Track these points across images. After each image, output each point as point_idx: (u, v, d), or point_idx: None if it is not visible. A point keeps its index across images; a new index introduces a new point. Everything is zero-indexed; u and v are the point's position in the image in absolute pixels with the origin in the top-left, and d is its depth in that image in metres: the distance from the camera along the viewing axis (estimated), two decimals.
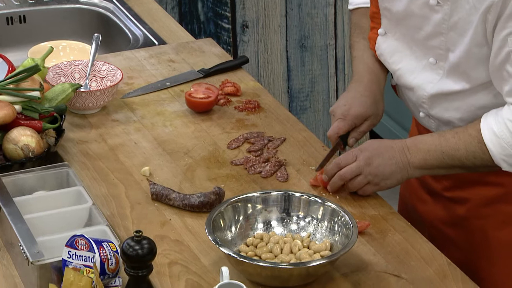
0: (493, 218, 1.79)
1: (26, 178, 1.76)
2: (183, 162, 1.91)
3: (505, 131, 1.64)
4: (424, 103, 1.77)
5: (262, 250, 1.62)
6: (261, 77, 3.26)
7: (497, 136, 1.65)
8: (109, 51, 2.37)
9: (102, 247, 1.51)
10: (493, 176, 1.76)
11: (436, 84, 1.73)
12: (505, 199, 1.77)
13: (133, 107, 2.10)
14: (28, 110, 1.90)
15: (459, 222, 1.83)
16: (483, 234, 1.80)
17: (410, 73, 1.77)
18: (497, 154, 1.65)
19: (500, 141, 1.64)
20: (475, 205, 1.80)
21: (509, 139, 1.64)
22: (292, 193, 1.70)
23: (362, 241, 1.68)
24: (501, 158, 1.65)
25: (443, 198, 1.86)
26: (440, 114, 1.76)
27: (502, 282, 1.76)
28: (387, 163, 1.72)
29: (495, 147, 1.65)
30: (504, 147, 1.64)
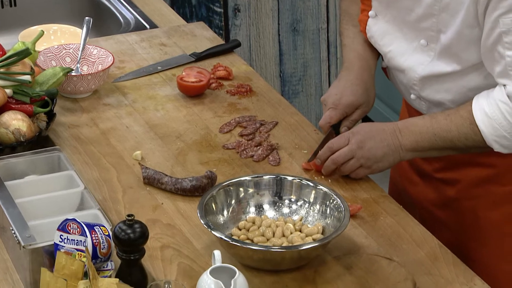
0: (484, 199, 1.79)
1: (17, 162, 1.75)
2: (175, 146, 1.91)
3: (497, 112, 1.64)
4: (415, 85, 1.77)
5: (254, 233, 1.62)
6: (253, 61, 3.25)
7: (489, 117, 1.65)
8: (100, 35, 2.36)
9: (94, 231, 1.51)
10: (484, 157, 1.76)
11: (427, 66, 1.73)
12: (496, 180, 1.78)
13: (125, 91, 2.09)
14: (19, 94, 1.89)
15: (450, 204, 1.83)
16: (473, 215, 1.80)
17: (401, 55, 1.77)
18: (489, 135, 1.65)
19: (492, 122, 1.65)
20: (465, 186, 1.81)
21: (500, 120, 1.64)
22: (284, 176, 1.70)
23: (354, 224, 1.69)
24: (493, 139, 1.65)
25: (433, 179, 1.86)
26: (431, 96, 1.76)
27: (492, 263, 1.77)
28: (379, 145, 1.73)
29: (487, 128, 1.65)
30: (496, 128, 1.65)
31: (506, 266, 1.75)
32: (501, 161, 1.75)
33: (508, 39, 1.59)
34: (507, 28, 1.58)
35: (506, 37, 1.59)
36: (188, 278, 1.56)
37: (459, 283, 1.56)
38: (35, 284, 1.54)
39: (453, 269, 1.59)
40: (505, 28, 1.58)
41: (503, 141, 1.65)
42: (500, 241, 1.79)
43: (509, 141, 1.65)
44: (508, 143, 1.65)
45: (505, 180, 1.77)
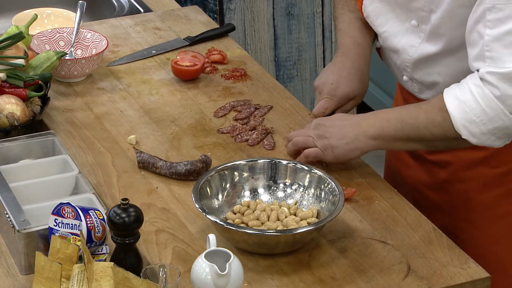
0: (475, 181, 1.79)
1: (11, 147, 1.75)
2: (170, 131, 1.90)
3: (468, 95, 1.59)
4: (408, 66, 1.76)
5: (249, 217, 1.62)
6: (247, 45, 3.25)
7: (459, 100, 1.60)
8: (94, 19, 2.35)
9: (89, 215, 1.51)
10: None
11: (418, 48, 1.73)
12: (486, 162, 1.77)
13: (119, 75, 2.09)
14: (12, 78, 1.89)
15: (442, 186, 1.83)
16: (465, 198, 1.81)
17: (394, 36, 1.77)
18: (458, 119, 1.60)
19: (463, 105, 1.60)
20: (457, 169, 1.81)
21: (471, 102, 1.59)
22: (278, 160, 1.70)
23: (349, 208, 1.69)
24: (461, 124, 1.60)
25: (426, 161, 1.85)
26: (422, 77, 1.76)
27: (483, 245, 1.78)
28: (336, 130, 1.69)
29: (456, 111, 1.60)
30: (466, 111, 1.59)
31: (496, 248, 1.76)
32: None
33: (491, 17, 1.55)
34: (492, 4, 1.54)
35: (490, 15, 1.55)
36: (183, 262, 1.56)
37: (453, 266, 1.57)
38: (30, 268, 1.54)
39: (447, 252, 1.60)
40: (490, 3, 1.54)
41: (472, 127, 1.59)
42: (491, 223, 1.79)
43: (478, 128, 1.59)
44: (477, 129, 1.59)
45: (495, 163, 1.77)
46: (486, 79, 1.58)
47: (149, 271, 1.47)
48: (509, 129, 1.60)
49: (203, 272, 1.44)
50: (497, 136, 1.61)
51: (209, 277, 1.44)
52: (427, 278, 1.54)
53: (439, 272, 1.56)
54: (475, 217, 1.79)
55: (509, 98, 1.57)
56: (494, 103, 1.57)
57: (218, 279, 1.44)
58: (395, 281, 1.54)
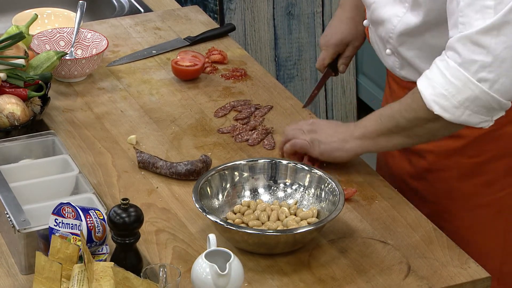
0: (453, 171, 1.80)
1: (11, 147, 1.75)
2: (170, 130, 1.91)
3: (435, 71, 1.59)
4: (391, 38, 1.76)
5: (249, 217, 1.62)
6: (248, 45, 3.25)
7: (428, 77, 1.60)
8: (94, 19, 2.35)
9: (89, 215, 1.51)
10: None
11: (402, 18, 1.73)
12: (463, 152, 1.78)
13: (119, 75, 2.09)
14: (13, 78, 1.89)
15: (423, 175, 1.84)
16: (445, 187, 1.82)
17: (382, 7, 1.77)
18: (428, 96, 1.58)
19: (431, 81, 1.59)
20: (436, 158, 1.82)
21: (438, 77, 1.58)
22: (279, 160, 1.70)
23: (349, 207, 1.69)
24: (431, 100, 1.58)
25: (408, 150, 1.86)
26: (404, 52, 1.76)
27: (464, 235, 1.78)
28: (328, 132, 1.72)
29: (426, 88, 1.59)
30: (434, 86, 1.58)
31: (477, 238, 1.75)
32: (470, 132, 1.73)
33: None
34: None
35: None
36: (183, 262, 1.56)
37: (453, 266, 1.57)
38: (30, 268, 1.54)
39: (447, 252, 1.60)
40: None
41: (442, 101, 1.57)
42: (471, 213, 1.80)
43: (449, 101, 1.57)
44: (448, 103, 1.57)
45: (471, 152, 1.78)
46: (452, 47, 1.57)
47: (149, 271, 1.47)
48: (481, 100, 1.56)
49: (203, 272, 1.44)
50: (472, 109, 1.57)
51: (209, 277, 1.44)
52: (427, 278, 1.54)
53: (439, 272, 1.56)
54: (455, 206, 1.80)
55: (471, 63, 1.54)
56: (458, 72, 1.56)
57: (218, 279, 1.44)
58: (395, 281, 1.54)
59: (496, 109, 1.58)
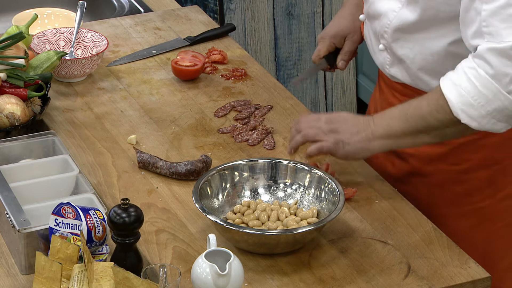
0: (435, 177, 1.80)
1: (11, 146, 1.75)
2: (170, 130, 1.91)
3: (463, 78, 1.57)
4: (386, 32, 1.75)
5: (249, 217, 1.62)
6: (248, 45, 3.25)
7: (455, 84, 1.58)
8: (94, 19, 2.35)
9: (89, 215, 1.51)
10: None
11: (398, 13, 1.72)
12: (445, 159, 1.78)
13: (119, 75, 2.09)
14: (13, 78, 1.89)
15: (406, 178, 1.85)
16: (427, 192, 1.82)
17: (380, 1, 1.77)
18: (455, 103, 1.57)
19: (458, 88, 1.57)
20: (418, 163, 1.82)
21: (466, 84, 1.56)
22: (279, 160, 1.70)
23: (349, 207, 1.69)
24: (459, 108, 1.57)
25: (391, 153, 1.86)
26: (396, 49, 1.75)
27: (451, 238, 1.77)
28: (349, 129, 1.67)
29: (453, 96, 1.57)
30: (462, 94, 1.57)
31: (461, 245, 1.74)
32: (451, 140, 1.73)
33: None
34: None
35: None
36: (183, 262, 1.56)
37: (453, 266, 1.57)
38: (30, 268, 1.54)
39: (447, 252, 1.60)
40: None
41: (470, 111, 1.57)
42: (451, 221, 1.78)
43: (477, 111, 1.56)
44: (476, 113, 1.57)
45: (453, 160, 1.78)
46: (483, 56, 1.56)
47: (150, 271, 1.47)
48: (508, 110, 1.57)
49: (204, 272, 1.44)
50: (497, 119, 1.58)
51: (209, 277, 1.44)
52: (428, 278, 1.54)
53: (439, 272, 1.56)
54: (437, 212, 1.79)
55: (503, 76, 1.54)
56: (489, 83, 1.55)
57: (218, 279, 1.44)
58: (396, 281, 1.54)
59: None
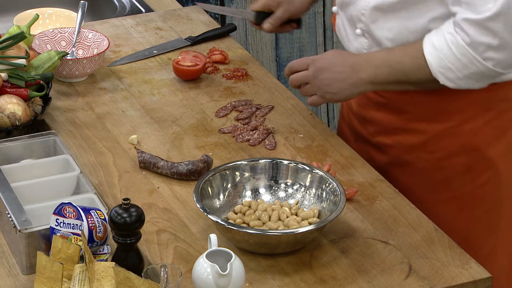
0: (414, 166, 1.84)
1: (13, 146, 1.75)
2: (171, 130, 1.91)
3: (443, 43, 1.68)
4: (364, 15, 1.78)
5: (250, 217, 1.62)
6: (249, 45, 3.25)
7: (435, 47, 1.68)
8: (96, 19, 2.35)
9: (90, 215, 1.51)
10: (415, 123, 1.81)
11: None
12: (424, 147, 1.82)
13: (120, 75, 2.09)
14: (14, 78, 1.89)
15: (384, 169, 1.87)
16: (407, 182, 1.84)
17: None
18: (435, 67, 1.68)
19: (438, 52, 1.68)
20: (397, 152, 1.85)
21: (445, 50, 1.67)
22: (280, 160, 1.70)
23: (350, 208, 1.69)
24: (438, 71, 1.68)
25: (368, 144, 1.90)
26: (374, 31, 1.78)
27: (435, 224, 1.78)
28: (335, 78, 1.77)
29: (433, 59, 1.68)
30: (441, 58, 1.68)
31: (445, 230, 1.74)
32: (431, 127, 1.80)
33: None
34: None
35: None
36: (184, 262, 1.56)
37: (454, 266, 1.57)
38: (32, 268, 1.54)
39: (449, 252, 1.60)
40: None
41: (448, 73, 1.68)
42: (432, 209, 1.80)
43: (454, 74, 1.68)
44: (453, 75, 1.68)
45: (432, 148, 1.82)
46: (459, 25, 1.66)
47: (151, 271, 1.48)
48: (484, 74, 1.68)
49: (205, 272, 1.44)
50: (475, 80, 1.70)
51: (210, 277, 1.44)
52: (429, 278, 1.54)
53: (440, 272, 1.56)
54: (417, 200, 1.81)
55: (479, 45, 1.65)
56: (466, 51, 1.66)
57: (219, 279, 1.44)
58: (397, 281, 1.54)
59: (497, 77, 1.70)
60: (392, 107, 1.85)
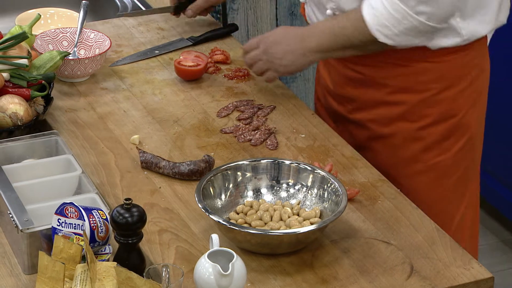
0: (395, 137, 1.89)
1: (14, 146, 1.75)
2: (173, 131, 1.91)
3: (378, 2, 1.75)
4: None
5: (252, 217, 1.62)
6: None
7: (372, 7, 1.76)
8: (97, 19, 2.35)
9: (92, 215, 1.51)
10: (394, 95, 1.85)
11: None
12: (405, 117, 1.87)
13: (122, 75, 2.09)
14: (16, 78, 1.89)
15: (365, 145, 1.91)
16: (387, 154, 1.89)
17: None
18: (372, 25, 1.76)
19: (374, 11, 1.76)
20: (378, 126, 1.90)
21: (380, 8, 1.75)
22: (281, 161, 1.70)
23: (352, 208, 1.69)
24: (376, 29, 1.76)
25: (347, 122, 1.95)
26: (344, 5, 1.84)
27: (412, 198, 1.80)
28: (285, 50, 1.85)
29: (370, 18, 1.76)
30: (377, 16, 1.75)
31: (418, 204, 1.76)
32: (410, 98, 1.85)
33: None
34: None
35: None
36: (186, 262, 1.56)
37: (456, 266, 1.57)
38: (33, 268, 1.54)
39: (450, 252, 1.60)
40: None
41: (385, 31, 1.76)
42: (411, 179, 1.87)
43: (390, 31, 1.75)
44: (390, 32, 1.76)
45: (413, 117, 1.87)
46: None
47: (152, 271, 1.48)
48: (419, 29, 1.76)
49: (206, 272, 1.44)
50: (412, 35, 1.77)
51: (212, 277, 1.44)
52: (430, 278, 1.54)
53: (442, 273, 1.56)
54: (396, 173, 1.87)
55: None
56: (398, 6, 1.74)
57: (221, 279, 1.44)
58: (398, 281, 1.54)
59: (433, 32, 1.78)
60: (370, 82, 1.89)
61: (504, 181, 3.00)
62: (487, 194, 3.06)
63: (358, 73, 1.90)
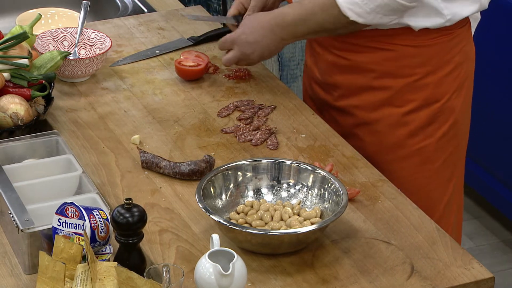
0: (381, 123, 1.90)
1: (15, 146, 1.75)
2: (173, 131, 1.91)
3: None
4: None
5: (253, 217, 1.62)
6: None
7: None
8: (98, 19, 2.36)
9: (92, 215, 1.51)
10: (381, 80, 1.87)
11: None
12: (390, 102, 1.89)
13: (123, 75, 2.09)
14: (16, 78, 1.89)
15: (350, 132, 1.93)
16: (373, 140, 1.91)
17: None
18: (343, 4, 1.79)
19: None
20: (364, 112, 1.91)
21: None
22: (282, 161, 1.70)
23: (352, 208, 1.69)
24: (347, 7, 1.79)
25: (333, 110, 1.97)
26: None
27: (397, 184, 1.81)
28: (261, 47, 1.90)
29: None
30: None
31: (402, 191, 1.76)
32: (395, 82, 1.87)
33: None
34: None
35: None
36: (187, 262, 1.56)
37: (456, 266, 1.57)
38: (34, 268, 1.54)
39: (451, 252, 1.60)
40: None
41: (356, 8, 1.79)
42: (396, 165, 1.89)
43: (362, 8, 1.78)
44: (361, 10, 1.78)
45: (398, 102, 1.89)
46: None
47: (153, 271, 1.48)
48: (389, 6, 1.78)
49: (207, 272, 1.45)
50: (382, 13, 1.80)
51: (212, 277, 1.44)
52: (431, 278, 1.54)
53: (442, 273, 1.56)
54: (383, 159, 1.89)
55: None
56: None
57: (221, 279, 1.44)
58: (399, 281, 1.54)
59: (403, 10, 1.80)
60: (356, 68, 1.91)
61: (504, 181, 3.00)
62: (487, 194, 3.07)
63: (344, 58, 1.91)
